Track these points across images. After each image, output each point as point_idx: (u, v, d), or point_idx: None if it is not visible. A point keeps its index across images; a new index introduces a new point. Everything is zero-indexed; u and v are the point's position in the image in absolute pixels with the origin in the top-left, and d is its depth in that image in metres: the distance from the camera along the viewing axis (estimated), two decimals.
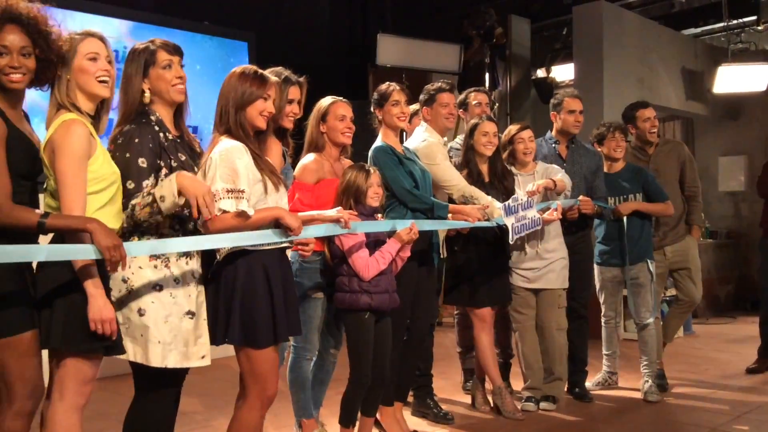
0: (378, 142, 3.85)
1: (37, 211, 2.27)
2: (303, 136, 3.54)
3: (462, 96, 4.81)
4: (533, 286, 4.41)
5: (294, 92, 3.32)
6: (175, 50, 2.71)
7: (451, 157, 4.35)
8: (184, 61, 2.80)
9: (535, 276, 4.39)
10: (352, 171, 3.45)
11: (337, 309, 3.50)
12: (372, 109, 3.90)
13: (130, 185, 2.53)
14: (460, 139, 4.61)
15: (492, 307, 4.36)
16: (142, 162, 2.56)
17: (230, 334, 2.68)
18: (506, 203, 3.97)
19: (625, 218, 4.68)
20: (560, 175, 4.36)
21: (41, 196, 2.52)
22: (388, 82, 3.92)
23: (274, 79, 2.88)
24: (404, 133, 4.38)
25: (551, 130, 4.87)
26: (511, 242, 4.03)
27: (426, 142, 4.10)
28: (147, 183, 2.56)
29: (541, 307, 4.44)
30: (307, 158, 3.57)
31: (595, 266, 4.91)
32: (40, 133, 2.51)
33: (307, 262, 3.48)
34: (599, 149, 4.85)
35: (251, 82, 2.75)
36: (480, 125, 4.26)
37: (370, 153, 3.83)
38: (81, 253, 2.26)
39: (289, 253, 3.04)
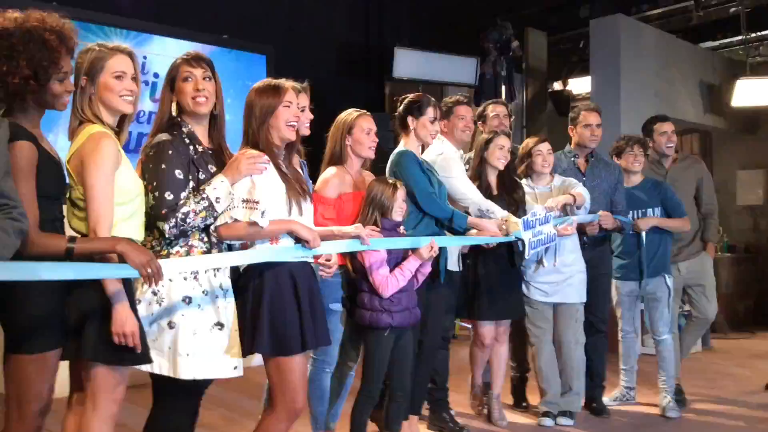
0: (401, 147, 3.88)
1: (64, 237, 2.28)
2: (313, 143, 3.54)
3: (480, 108, 4.84)
4: (551, 299, 4.39)
5: (302, 99, 3.29)
6: (197, 62, 2.74)
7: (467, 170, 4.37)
8: None
9: (553, 290, 4.38)
10: (379, 184, 3.46)
11: (358, 324, 3.52)
12: (403, 114, 3.87)
13: (169, 196, 2.56)
14: None
15: (498, 323, 4.37)
16: (179, 174, 2.60)
17: (258, 344, 2.70)
18: (525, 218, 3.96)
19: (643, 233, 4.67)
20: (578, 189, 4.36)
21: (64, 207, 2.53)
22: (423, 94, 3.94)
23: (290, 84, 2.91)
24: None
25: (570, 144, 4.86)
26: (527, 257, 4.02)
27: (443, 155, 4.12)
28: (183, 195, 2.60)
29: (559, 321, 4.43)
30: (329, 172, 3.57)
31: (613, 280, 4.88)
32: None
33: (328, 277, 3.48)
34: (618, 162, 4.84)
35: (267, 94, 2.81)
36: (495, 139, 4.26)
37: (392, 157, 3.85)
38: (119, 271, 2.28)
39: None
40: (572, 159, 4.78)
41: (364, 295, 3.43)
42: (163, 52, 6.34)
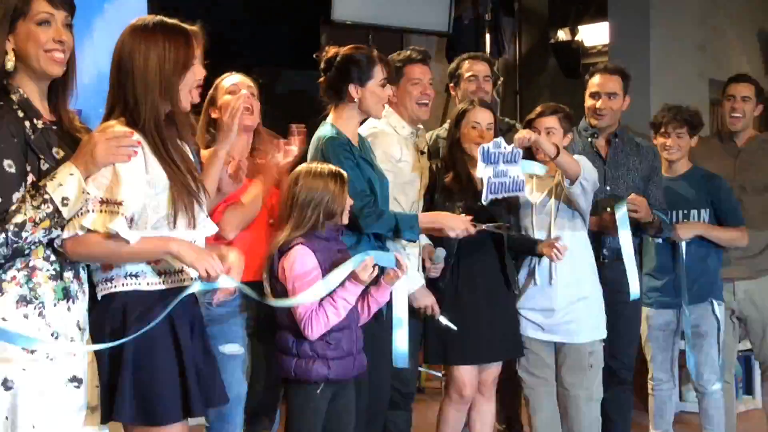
0: (327, 128, 3.87)
1: None
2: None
3: (453, 64, 4.90)
4: (549, 337, 4.40)
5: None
6: (62, 1, 2.68)
7: (437, 149, 4.46)
8: None
9: (551, 322, 4.36)
10: (318, 180, 3.46)
11: (275, 376, 3.53)
12: (339, 78, 3.88)
13: None
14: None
15: (483, 368, 4.34)
16: (9, 166, 2.54)
17: (119, 409, 2.66)
18: (484, 146, 3.98)
19: (683, 243, 4.70)
20: (582, 161, 4.29)
21: None
22: (364, 46, 4.00)
23: (193, 28, 2.88)
24: None
25: (586, 118, 4.88)
26: (484, 202, 4.04)
27: (375, 132, 4.14)
28: (17, 196, 2.54)
29: (563, 368, 4.43)
30: None
31: (643, 308, 4.90)
32: None
33: (220, 305, 3.48)
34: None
35: (172, 42, 2.75)
36: (469, 113, 4.26)
37: (315, 142, 3.86)
38: None
39: None
40: (589, 139, 4.81)
41: (286, 335, 3.43)
42: None
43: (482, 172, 3.96)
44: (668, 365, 4.99)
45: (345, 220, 3.51)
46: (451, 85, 4.87)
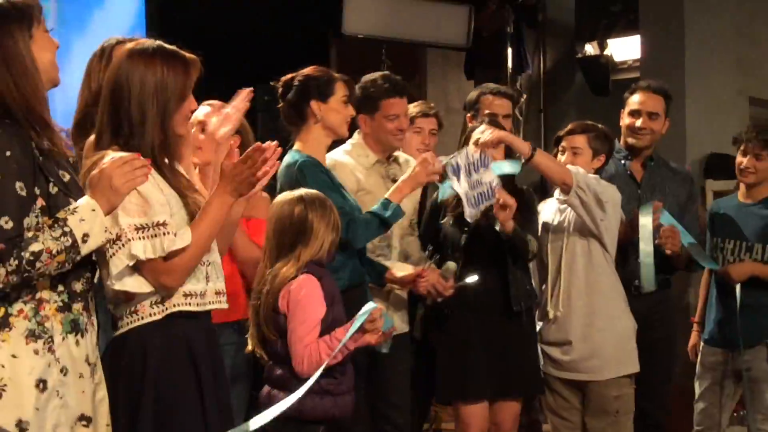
0: (295, 154, 3.97)
1: None
2: None
3: (474, 94, 4.97)
4: (570, 375, 4.37)
5: None
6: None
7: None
8: None
9: (570, 358, 4.33)
10: (323, 216, 3.49)
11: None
12: (299, 99, 3.99)
13: (7, 224, 2.52)
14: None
15: (498, 405, 4.29)
16: (21, 188, 2.55)
17: None
18: (451, 162, 4.10)
19: (738, 286, 4.56)
20: (574, 169, 4.27)
21: None
22: (322, 69, 4.10)
23: (191, 56, 2.90)
24: None
25: (619, 139, 4.83)
26: (469, 219, 4.13)
27: (330, 162, 4.18)
28: (28, 221, 2.56)
29: (587, 412, 4.38)
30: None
31: (701, 343, 4.89)
32: None
33: None
34: None
35: (172, 68, 2.80)
36: (475, 132, 4.27)
37: (285, 170, 3.91)
38: None
39: None
40: (622, 162, 4.77)
41: (286, 369, 3.43)
42: None
43: (459, 188, 4.09)
44: (714, 410, 4.83)
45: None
46: (469, 115, 4.88)
